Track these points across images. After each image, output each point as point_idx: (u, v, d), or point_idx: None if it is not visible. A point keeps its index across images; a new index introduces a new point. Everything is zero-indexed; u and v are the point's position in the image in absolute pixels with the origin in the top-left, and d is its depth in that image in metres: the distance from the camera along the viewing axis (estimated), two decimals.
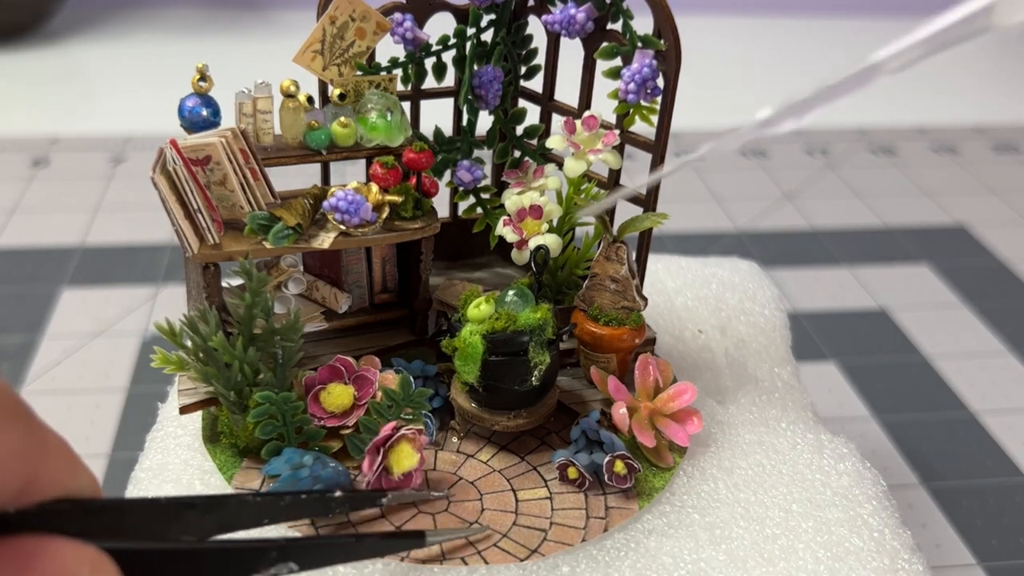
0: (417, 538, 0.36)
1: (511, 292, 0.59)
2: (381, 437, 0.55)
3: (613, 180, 0.68)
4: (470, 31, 0.67)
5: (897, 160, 1.45)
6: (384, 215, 0.61)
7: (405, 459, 0.55)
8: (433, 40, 0.67)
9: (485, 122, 0.71)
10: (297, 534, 0.51)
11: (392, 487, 0.55)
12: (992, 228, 1.25)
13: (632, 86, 0.61)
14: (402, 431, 0.55)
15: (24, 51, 1.71)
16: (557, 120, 0.67)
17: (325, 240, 0.59)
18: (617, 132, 0.64)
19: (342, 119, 0.61)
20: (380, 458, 0.54)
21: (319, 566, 0.34)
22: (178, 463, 0.59)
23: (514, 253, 0.67)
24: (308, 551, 0.32)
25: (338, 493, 0.34)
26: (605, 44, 0.63)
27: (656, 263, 0.84)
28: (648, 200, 0.66)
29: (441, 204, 0.68)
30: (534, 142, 0.71)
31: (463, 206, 0.73)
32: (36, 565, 0.26)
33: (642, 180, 0.49)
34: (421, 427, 0.58)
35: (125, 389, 0.87)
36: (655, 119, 0.63)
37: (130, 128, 1.42)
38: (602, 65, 0.63)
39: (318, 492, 0.37)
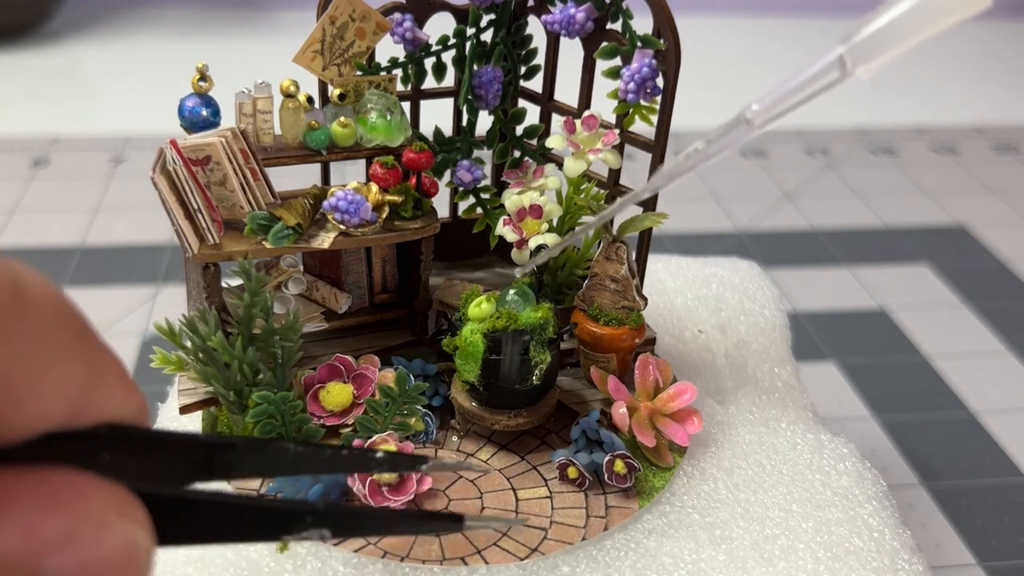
0: (455, 521, 0.35)
1: (512, 291, 0.59)
2: None
3: (613, 180, 0.68)
4: (470, 31, 0.67)
5: (897, 160, 1.45)
6: (384, 215, 0.61)
7: None
8: (433, 40, 0.67)
9: (485, 122, 0.71)
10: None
11: (390, 498, 0.55)
12: (992, 228, 1.25)
13: (632, 86, 0.61)
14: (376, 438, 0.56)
15: (24, 51, 1.71)
16: (557, 120, 0.67)
17: (325, 240, 0.59)
18: (617, 132, 0.64)
19: (342, 119, 0.61)
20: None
21: (352, 535, 0.33)
22: None
23: (514, 253, 0.67)
24: (344, 519, 0.31)
25: (379, 453, 0.34)
26: (605, 44, 0.63)
27: (656, 263, 0.84)
28: (648, 200, 0.66)
29: (441, 204, 0.68)
30: (534, 142, 0.71)
31: (463, 206, 0.73)
32: (60, 504, 0.24)
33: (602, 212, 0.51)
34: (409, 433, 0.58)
35: None
36: (655, 119, 0.63)
37: (130, 128, 1.42)
38: (602, 65, 0.63)
39: (359, 449, 0.36)
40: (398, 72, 0.66)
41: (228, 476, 0.31)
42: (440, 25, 0.68)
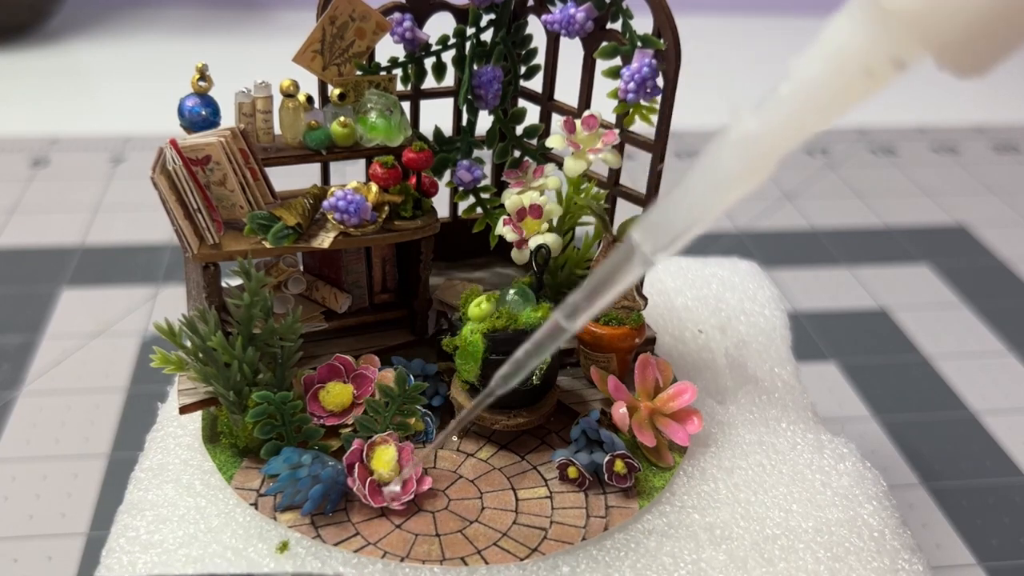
0: None
1: (512, 291, 0.59)
2: (354, 451, 0.55)
3: (613, 179, 0.68)
4: (470, 31, 0.67)
5: (897, 160, 1.45)
6: (384, 215, 0.61)
7: (384, 455, 0.55)
8: (433, 40, 0.67)
9: (485, 122, 0.71)
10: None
11: (391, 497, 0.55)
12: (992, 228, 1.25)
13: (632, 85, 0.61)
14: (372, 439, 0.56)
15: (24, 51, 1.71)
16: (557, 120, 0.67)
17: (325, 240, 0.59)
18: (617, 131, 0.64)
19: (342, 119, 0.61)
20: (365, 471, 0.55)
21: None
22: (178, 463, 0.59)
23: (514, 253, 0.67)
24: None
25: None
26: (605, 44, 0.63)
27: None
28: (648, 200, 0.66)
29: (441, 204, 0.68)
30: (534, 142, 0.71)
31: (463, 206, 0.73)
32: None
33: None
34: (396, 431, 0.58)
35: (125, 389, 0.87)
36: (655, 119, 0.63)
37: (130, 128, 1.42)
38: (602, 65, 0.63)
39: None
40: (398, 72, 0.66)
41: None
42: (440, 25, 0.68)
